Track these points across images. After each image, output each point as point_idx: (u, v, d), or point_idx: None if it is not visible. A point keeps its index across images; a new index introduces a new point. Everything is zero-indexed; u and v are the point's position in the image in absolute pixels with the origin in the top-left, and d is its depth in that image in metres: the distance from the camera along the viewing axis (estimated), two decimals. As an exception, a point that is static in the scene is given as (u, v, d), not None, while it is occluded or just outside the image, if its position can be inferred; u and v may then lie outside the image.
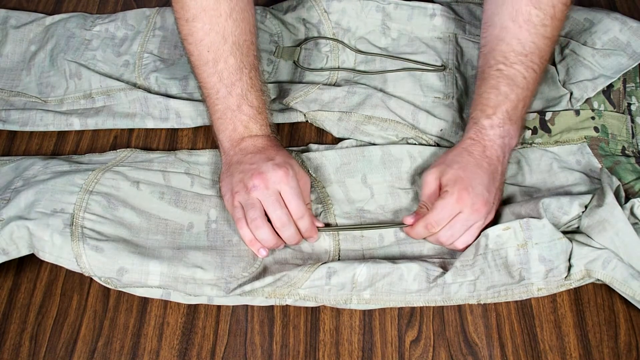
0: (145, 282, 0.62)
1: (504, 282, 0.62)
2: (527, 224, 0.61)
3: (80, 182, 0.66)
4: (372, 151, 0.72)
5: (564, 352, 0.62)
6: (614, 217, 0.60)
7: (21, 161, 0.72)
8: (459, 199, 0.61)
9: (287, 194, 0.62)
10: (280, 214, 0.62)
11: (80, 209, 0.64)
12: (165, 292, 0.63)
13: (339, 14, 0.82)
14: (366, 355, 0.61)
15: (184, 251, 0.64)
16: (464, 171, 0.62)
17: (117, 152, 0.73)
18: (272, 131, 0.68)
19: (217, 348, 0.62)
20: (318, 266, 0.61)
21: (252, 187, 0.62)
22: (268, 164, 0.63)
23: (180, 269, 0.62)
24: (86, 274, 0.62)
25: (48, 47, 0.83)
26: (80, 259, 0.61)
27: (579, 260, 0.62)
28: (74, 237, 0.61)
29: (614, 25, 0.75)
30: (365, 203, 0.70)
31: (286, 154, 0.66)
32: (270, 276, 0.61)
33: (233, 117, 0.66)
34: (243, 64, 0.66)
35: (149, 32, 0.83)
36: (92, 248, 0.61)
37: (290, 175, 0.62)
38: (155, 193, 0.68)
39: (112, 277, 0.62)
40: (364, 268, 0.61)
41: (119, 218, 0.65)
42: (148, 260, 0.62)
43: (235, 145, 0.66)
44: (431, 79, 0.78)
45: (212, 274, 0.62)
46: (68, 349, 0.62)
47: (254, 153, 0.65)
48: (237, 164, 0.65)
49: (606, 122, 0.73)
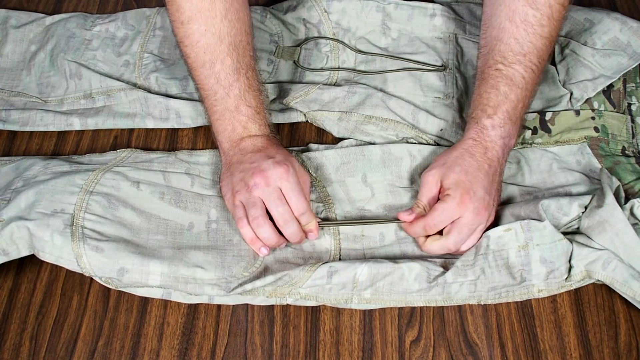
0: (146, 282, 0.62)
1: (504, 282, 0.62)
2: (528, 225, 0.61)
3: (81, 182, 0.66)
4: (372, 150, 0.72)
5: (564, 352, 0.62)
6: (614, 217, 0.60)
7: (21, 161, 0.72)
8: (460, 203, 0.61)
9: (288, 190, 0.62)
10: (282, 210, 0.62)
11: (80, 209, 0.63)
12: (166, 291, 0.63)
13: (339, 14, 0.82)
14: (366, 355, 0.61)
15: (185, 251, 0.64)
16: (465, 174, 0.62)
17: (117, 152, 0.73)
18: (271, 130, 0.68)
19: (217, 348, 0.62)
20: (319, 265, 0.61)
21: (253, 185, 0.62)
22: (268, 161, 0.63)
23: (181, 269, 0.62)
24: (86, 274, 0.62)
25: (48, 47, 0.83)
26: (81, 259, 0.61)
27: (579, 261, 0.62)
28: (75, 237, 0.61)
29: (614, 25, 0.75)
30: (366, 202, 0.70)
31: (286, 152, 0.66)
32: (271, 275, 0.61)
33: (231, 117, 0.66)
34: (240, 64, 0.67)
35: (149, 32, 0.83)
36: (92, 248, 0.61)
37: (290, 172, 0.62)
38: (156, 193, 0.68)
39: (113, 277, 0.62)
40: (365, 267, 0.61)
41: (120, 218, 0.65)
42: (148, 260, 0.62)
43: (234, 146, 0.66)
44: (431, 79, 0.78)
45: (212, 273, 0.62)
46: (68, 349, 0.62)
47: (254, 152, 0.65)
48: (237, 164, 0.65)
49: (606, 122, 0.73)
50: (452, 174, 0.63)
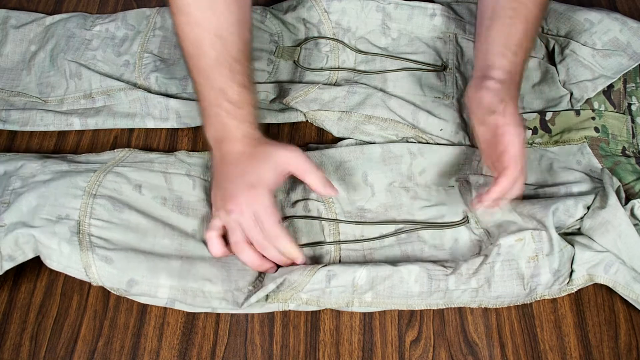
0: (155, 294, 0.61)
1: (512, 293, 0.62)
2: (540, 235, 0.61)
3: (83, 184, 0.64)
4: (372, 149, 0.72)
5: (564, 352, 0.62)
6: (617, 219, 0.60)
7: (15, 156, 0.70)
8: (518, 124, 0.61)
9: (260, 215, 0.61)
10: (257, 237, 0.61)
11: (85, 214, 0.62)
12: (170, 300, 0.62)
13: (339, 13, 0.82)
14: (366, 355, 0.61)
15: (192, 262, 0.63)
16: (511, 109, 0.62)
17: (115, 152, 0.73)
18: (254, 128, 0.64)
19: (217, 348, 0.62)
20: (317, 269, 0.61)
21: (230, 211, 0.61)
22: (241, 185, 0.61)
23: (190, 282, 0.61)
24: (94, 284, 0.61)
25: (48, 47, 0.83)
26: (90, 270, 0.60)
27: (581, 265, 0.62)
28: (83, 246, 0.60)
29: (614, 25, 0.75)
30: (365, 202, 0.70)
31: (261, 164, 0.62)
32: (271, 283, 0.61)
33: (213, 113, 0.64)
34: (224, 57, 0.64)
35: (149, 32, 0.83)
36: (101, 259, 0.60)
37: (260, 194, 0.61)
38: (158, 199, 0.67)
39: (121, 289, 0.61)
40: (364, 271, 0.61)
41: (126, 221, 0.64)
42: (158, 273, 0.61)
43: (217, 148, 0.64)
44: (431, 78, 0.78)
45: (220, 286, 0.62)
46: (68, 349, 0.62)
47: (232, 166, 0.63)
48: (219, 177, 0.64)
49: (606, 122, 0.73)
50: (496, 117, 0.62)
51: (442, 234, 0.67)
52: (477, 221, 0.67)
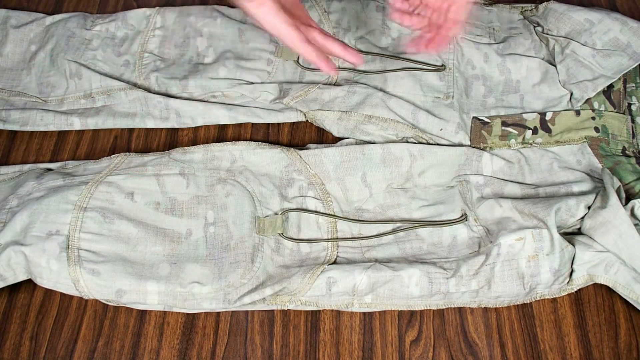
0: (144, 302, 0.62)
1: (512, 292, 0.62)
2: (540, 235, 0.61)
3: (74, 198, 0.65)
4: (372, 149, 0.72)
5: (564, 352, 0.62)
6: (618, 218, 0.60)
7: (19, 179, 0.71)
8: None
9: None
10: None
11: (75, 229, 0.63)
12: (167, 305, 0.62)
13: (339, 13, 0.82)
14: (366, 355, 0.61)
15: (181, 266, 0.63)
16: None
17: (112, 159, 0.72)
18: None
19: (217, 348, 0.62)
20: (317, 276, 0.61)
21: None
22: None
23: (177, 287, 0.62)
24: (85, 297, 0.62)
25: (48, 47, 0.83)
26: (78, 284, 0.61)
27: (581, 265, 0.62)
28: (71, 261, 0.61)
29: (614, 25, 0.75)
30: (363, 202, 0.70)
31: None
32: (269, 288, 0.61)
33: None
34: None
35: (149, 31, 0.83)
36: (89, 272, 0.61)
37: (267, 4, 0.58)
38: (151, 204, 0.67)
39: (111, 299, 0.62)
40: (365, 277, 0.61)
41: (116, 232, 0.64)
42: (145, 280, 0.61)
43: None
44: (431, 78, 0.78)
45: (210, 286, 0.62)
46: (68, 349, 0.62)
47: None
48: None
49: (607, 122, 0.73)
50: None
51: (441, 232, 0.67)
52: (476, 219, 0.67)
